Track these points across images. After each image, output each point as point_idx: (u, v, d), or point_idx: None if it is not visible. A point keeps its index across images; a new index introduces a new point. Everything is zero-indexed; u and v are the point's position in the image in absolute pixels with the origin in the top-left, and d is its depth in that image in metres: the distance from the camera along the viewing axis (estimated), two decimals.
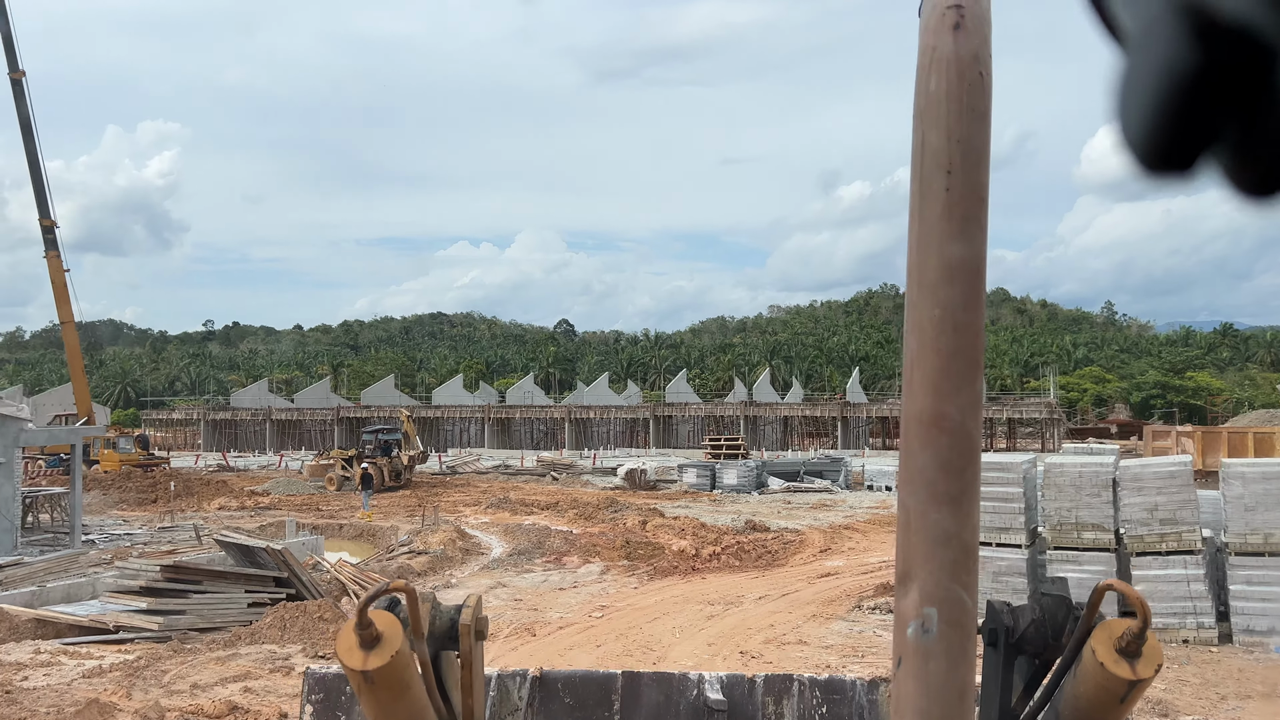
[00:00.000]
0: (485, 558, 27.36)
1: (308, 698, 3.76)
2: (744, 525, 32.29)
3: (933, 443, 1.13)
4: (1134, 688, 1.95)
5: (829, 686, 3.73)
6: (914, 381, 1.16)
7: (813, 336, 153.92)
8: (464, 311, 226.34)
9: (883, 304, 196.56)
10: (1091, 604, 2.06)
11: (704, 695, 3.68)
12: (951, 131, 1.15)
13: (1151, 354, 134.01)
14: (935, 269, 1.14)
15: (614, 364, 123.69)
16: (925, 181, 1.16)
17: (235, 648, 14.13)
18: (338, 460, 46.64)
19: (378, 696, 1.94)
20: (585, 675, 3.84)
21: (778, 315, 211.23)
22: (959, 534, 1.14)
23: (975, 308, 1.16)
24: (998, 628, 2.20)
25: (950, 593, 1.13)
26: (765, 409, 68.50)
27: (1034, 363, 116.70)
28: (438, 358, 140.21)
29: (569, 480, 48.24)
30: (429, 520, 32.74)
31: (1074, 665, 2.09)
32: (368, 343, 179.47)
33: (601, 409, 71.65)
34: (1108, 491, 16.78)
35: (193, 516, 37.52)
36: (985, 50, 1.17)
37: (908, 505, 1.16)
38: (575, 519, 34.37)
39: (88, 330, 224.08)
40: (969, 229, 1.14)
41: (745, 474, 42.49)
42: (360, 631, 1.89)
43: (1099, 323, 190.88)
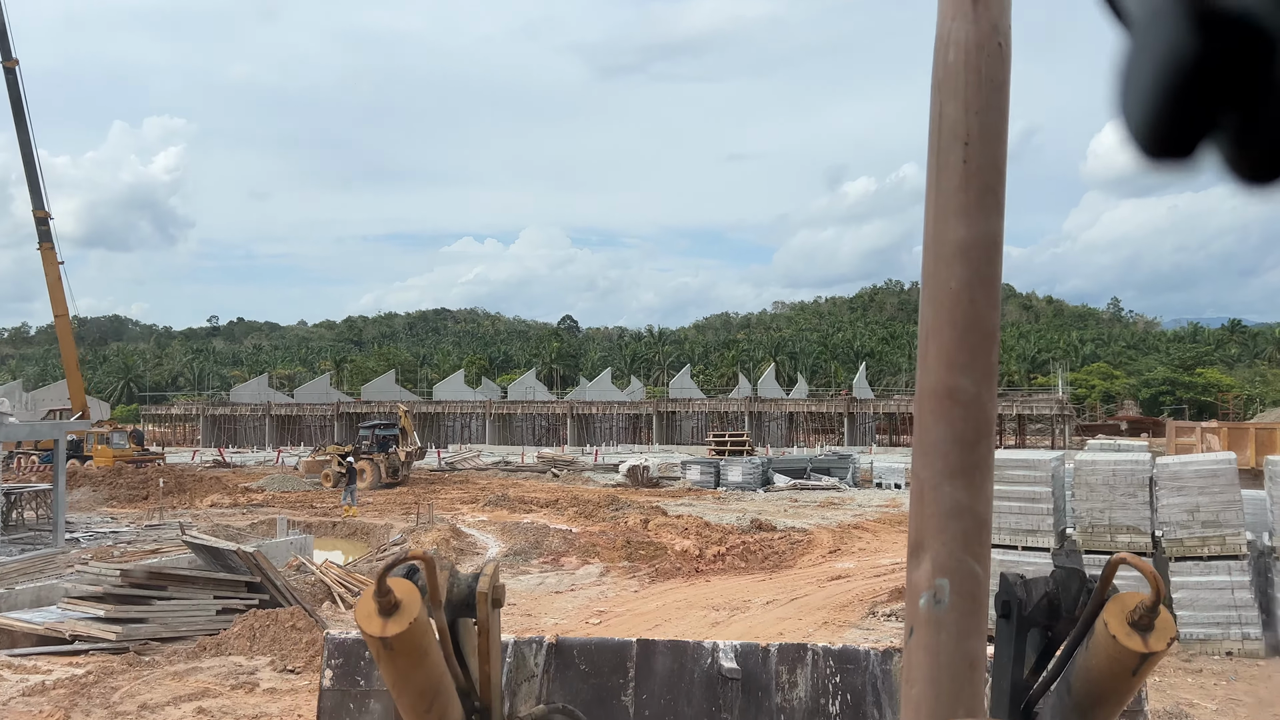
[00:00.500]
0: (481, 558, 26.16)
1: (328, 662, 3.75)
2: (749, 524, 31.05)
3: (946, 415, 1.09)
4: (1146, 660, 1.89)
5: (843, 656, 3.70)
6: (929, 354, 1.12)
7: (817, 333, 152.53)
8: (468, 307, 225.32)
9: (888, 300, 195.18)
10: (1104, 577, 1.98)
11: (718, 663, 3.66)
12: (970, 103, 1.10)
13: (1159, 350, 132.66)
14: (952, 241, 1.10)
15: (618, 360, 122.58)
16: (942, 153, 1.12)
17: (198, 660, 12.93)
18: (334, 456, 45.45)
19: (396, 663, 1.90)
20: (601, 643, 3.84)
21: (782, 311, 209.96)
22: (972, 506, 1.10)
23: (992, 280, 1.12)
24: (1010, 600, 2.14)
25: (962, 564, 1.09)
26: (770, 405, 67.19)
27: (1041, 359, 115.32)
28: (441, 353, 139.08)
29: (570, 477, 47.03)
30: (423, 518, 31.55)
31: (1086, 638, 2.02)
32: (371, 338, 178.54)
33: (604, 405, 70.37)
34: (1144, 491, 15.51)
35: (183, 514, 36.41)
36: (1005, 21, 1.12)
37: (921, 477, 1.11)
38: (575, 517, 33.17)
39: (92, 326, 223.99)
40: (986, 201, 1.11)
41: (750, 471, 41.23)
42: (379, 599, 1.85)
43: (1105, 319, 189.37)
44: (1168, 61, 0.50)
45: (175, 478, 42.21)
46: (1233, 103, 0.49)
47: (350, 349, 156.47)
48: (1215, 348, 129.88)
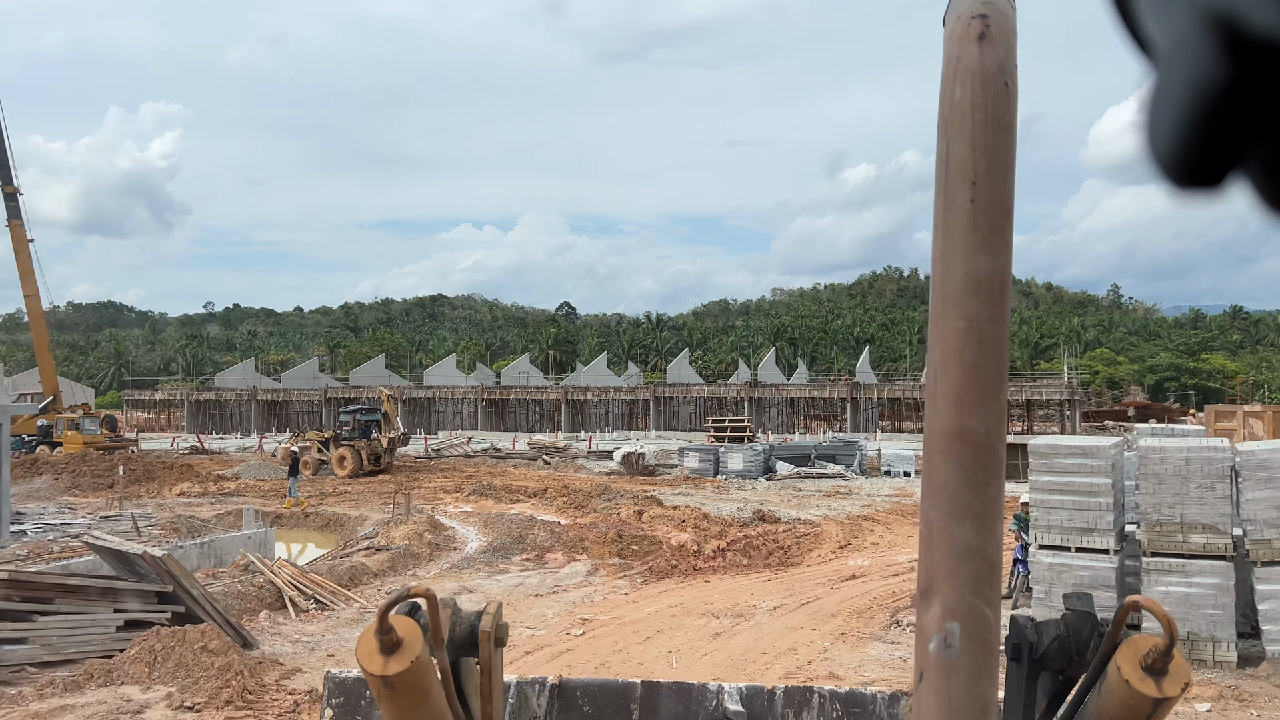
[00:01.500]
0: (458, 553, 23.65)
1: (328, 701, 3.68)
2: (751, 516, 28.56)
3: (956, 456, 1.12)
4: (1160, 706, 1.85)
5: (850, 700, 3.61)
6: (938, 395, 1.15)
7: (816, 319, 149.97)
8: (465, 294, 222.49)
9: (887, 286, 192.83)
10: (1117, 620, 1.92)
11: (723, 706, 3.65)
12: (976, 143, 1.14)
13: (1160, 337, 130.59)
14: (960, 281, 1.14)
15: (615, 346, 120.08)
16: (950, 193, 1.15)
17: (78, 692, 10.40)
18: (314, 443, 42.93)
19: (397, 702, 1.91)
20: (604, 684, 3.79)
21: (781, 298, 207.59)
22: (982, 548, 1.12)
23: (1000, 320, 1.15)
24: (1021, 643, 2.08)
25: (973, 607, 1.12)
26: (771, 390, 64.56)
27: (1044, 344, 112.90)
28: (436, 339, 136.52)
29: (562, 465, 44.49)
30: (401, 509, 29.03)
31: (1099, 682, 1.96)
32: (367, 325, 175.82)
33: (599, 390, 67.74)
34: (1224, 484, 12.97)
35: (148, 504, 33.91)
36: (1011, 61, 1.17)
37: (930, 519, 1.15)
38: (564, 508, 30.68)
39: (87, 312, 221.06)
40: (993, 241, 1.14)
41: (751, 458, 38.68)
42: (381, 637, 1.84)
43: (1105, 306, 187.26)
44: (1196, 90, 0.48)
45: (144, 465, 39.66)
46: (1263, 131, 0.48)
47: (346, 335, 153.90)
48: (1218, 334, 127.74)
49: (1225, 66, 0.47)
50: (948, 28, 1.20)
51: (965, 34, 1.16)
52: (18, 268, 48.82)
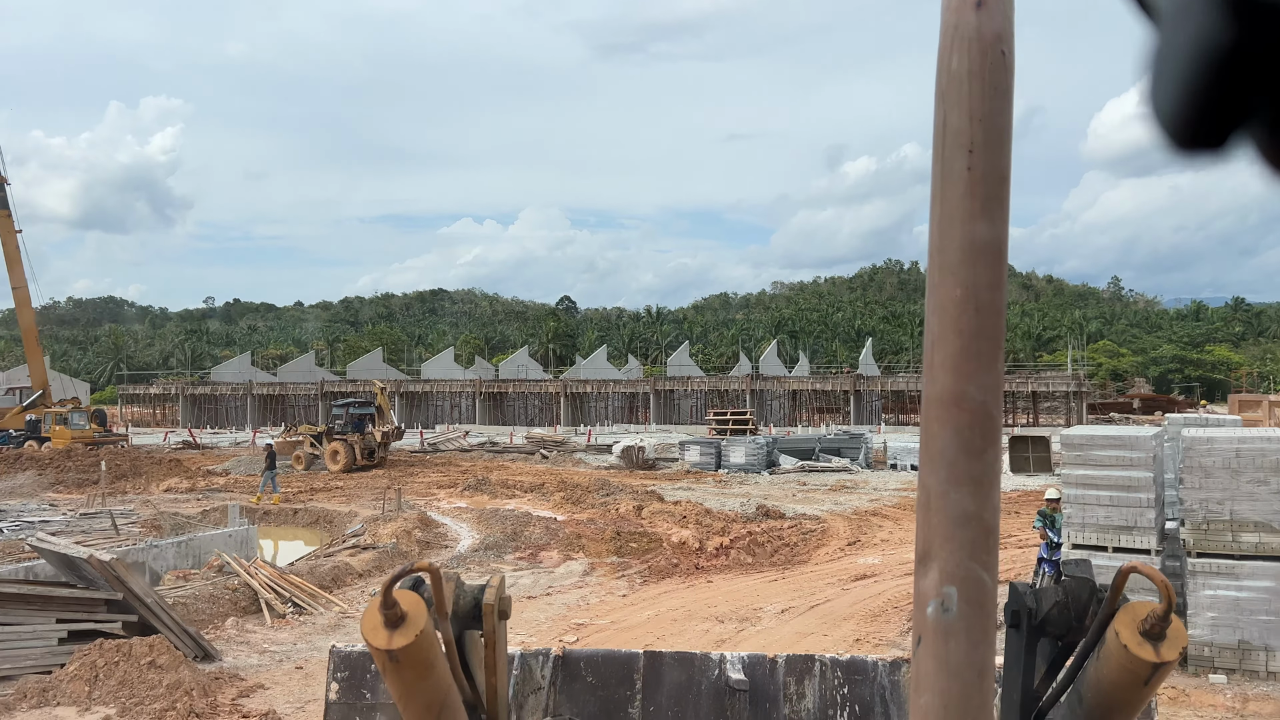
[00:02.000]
0: (449, 552, 22.47)
1: (334, 675, 3.65)
2: (755, 511, 27.35)
3: (953, 422, 1.13)
4: (1157, 670, 1.86)
5: (851, 667, 3.60)
6: (935, 362, 1.15)
7: (817, 313, 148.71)
8: (465, 288, 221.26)
9: (887, 280, 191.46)
10: (1115, 586, 1.92)
11: (726, 675, 3.59)
12: (974, 111, 1.14)
13: (1162, 329, 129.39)
14: (957, 249, 1.14)
15: (615, 340, 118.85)
16: (947, 161, 1.15)
17: (8, 716, 9.21)
18: (307, 437, 41.73)
19: (402, 675, 1.89)
20: (608, 655, 3.74)
21: (781, 292, 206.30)
22: (979, 514, 1.13)
23: (997, 288, 1.15)
24: (1020, 609, 2.08)
25: (970, 572, 1.13)
26: (773, 383, 63.30)
27: (1046, 336, 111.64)
28: (436, 333, 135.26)
29: (560, 459, 43.29)
30: (392, 505, 27.84)
31: (1097, 647, 1.98)
32: (368, 319, 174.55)
33: (599, 383, 66.51)
34: (1279, 478, 11.74)
35: (133, 500, 32.76)
36: (1008, 28, 1.16)
37: (928, 485, 1.15)
38: (561, 503, 29.48)
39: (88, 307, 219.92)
40: (991, 208, 1.14)
41: (754, 451, 37.47)
42: (385, 611, 1.83)
43: (1106, 298, 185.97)
44: (1199, 52, 0.48)
45: (131, 461, 38.46)
46: (1266, 92, 0.47)
47: (346, 330, 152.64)
48: (1220, 326, 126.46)
49: (1228, 27, 0.47)
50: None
51: (963, 2, 1.14)
52: (6, 260, 47.62)
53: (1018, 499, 30.37)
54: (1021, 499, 30.23)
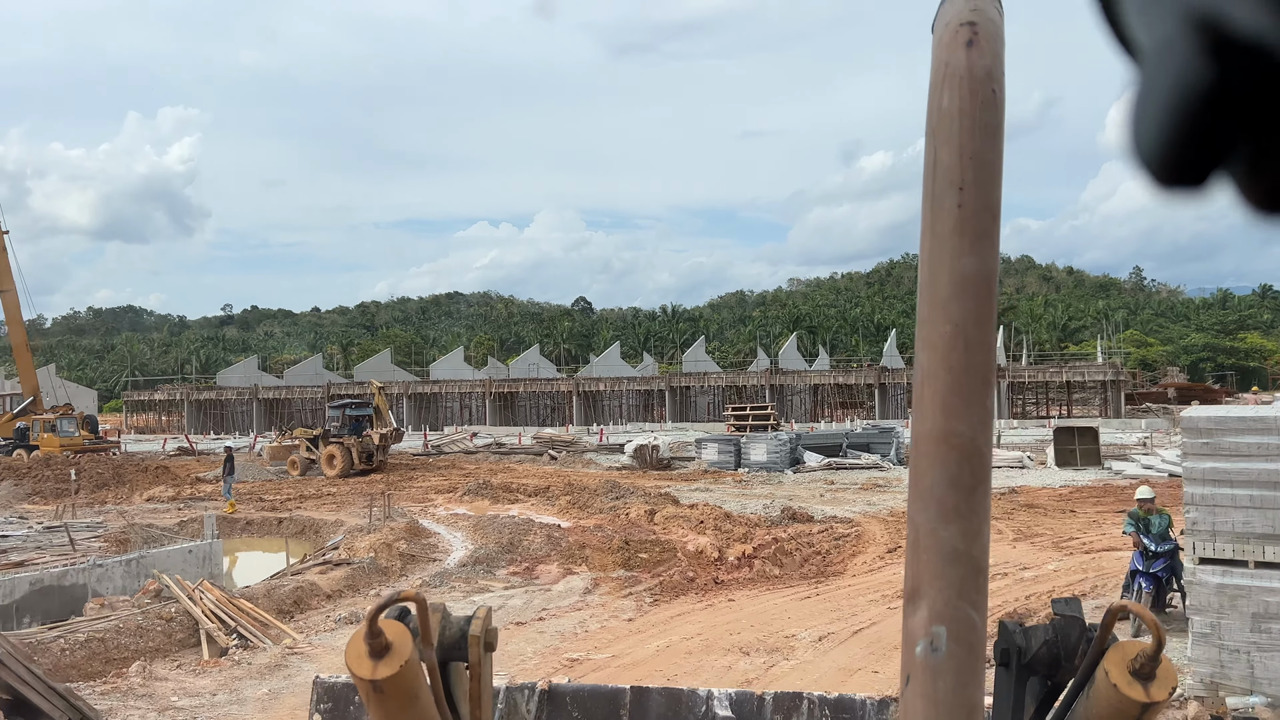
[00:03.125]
0: (435, 566, 19.71)
1: (316, 706, 3.59)
2: (780, 514, 24.48)
3: (942, 459, 1.12)
4: (1147, 710, 1.84)
5: (838, 705, 3.56)
6: (924, 398, 1.15)
7: (835, 308, 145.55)
8: (481, 291, 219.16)
9: (905, 274, 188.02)
10: (1105, 625, 1.92)
11: (713, 712, 3.59)
12: (964, 148, 1.15)
13: (1189, 318, 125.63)
14: (947, 285, 1.14)
15: (630, 339, 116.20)
16: (937, 198, 1.15)
17: None
18: (302, 440, 39.12)
19: (386, 706, 1.87)
20: (594, 689, 3.73)
21: (798, 288, 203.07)
22: (968, 552, 1.12)
23: (986, 324, 1.15)
24: (1010, 648, 2.06)
25: (959, 611, 1.12)
26: (793, 377, 60.23)
27: (1072, 326, 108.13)
28: (450, 336, 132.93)
29: (569, 460, 40.48)
30: (381, 513, 25.11)
31: (1086, 687, 1.96)
32: (384, 323, 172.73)
33: (612, 381, 63.66)
34: None
35: (110, 510, 30.20)
36: (998, 67, 1.18)
37: (917, 522, 1.14)
38: (567, 508, 26.70)
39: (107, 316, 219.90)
40: (981, 245, 1.14)
41: (776, 449, 34.54)
42: (370, 640, 1.80)
43: (1128, 289, 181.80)
44: (1180, 91, 0.48)
45: (113, 469, 35.90)
46: (1247, 132, 0.47)
47: (362, 334, 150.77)
48: (1250, 314, 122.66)
49: (1209, 67, 0.47)
50: (936, 34, 1.20)
51: (953, 40, 1.17)
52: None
53: (1069, 495, 27.35)
54: (1075, 496, 27.19)
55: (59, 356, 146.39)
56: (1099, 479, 30.14)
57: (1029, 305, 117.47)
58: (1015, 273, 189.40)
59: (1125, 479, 29.67)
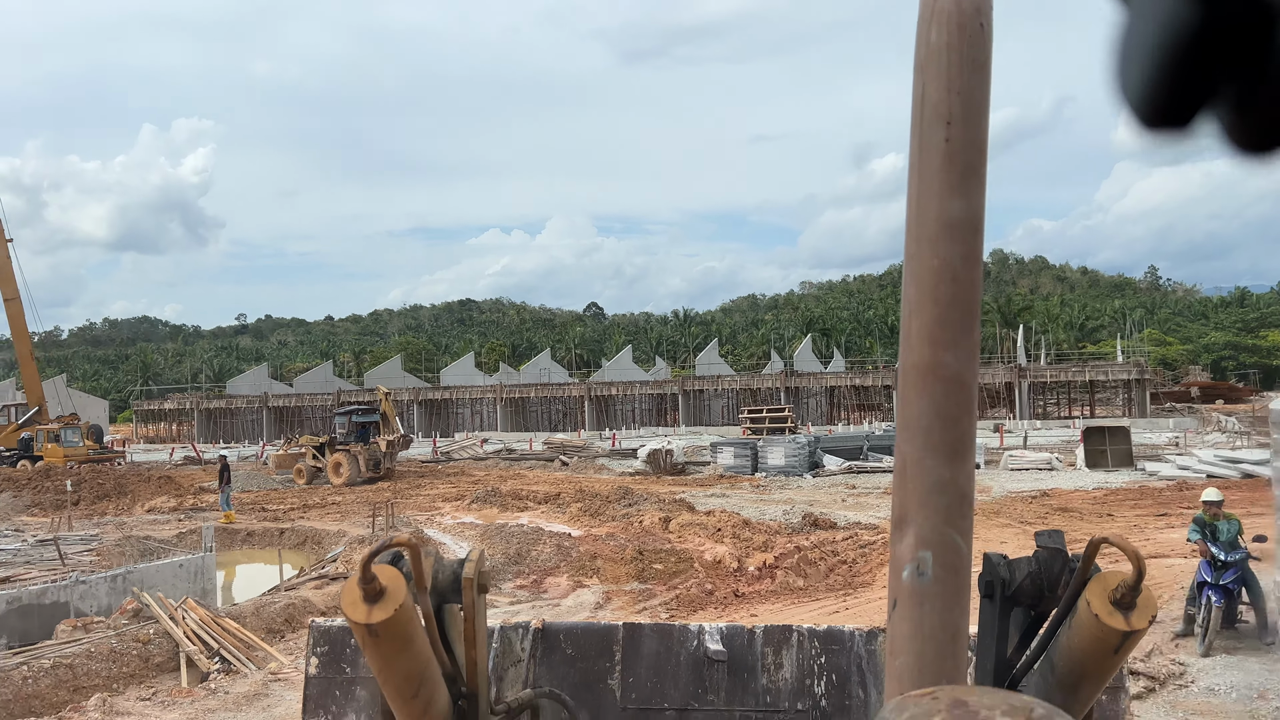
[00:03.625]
0: None
1: (313, 650, 3.59)
2: (801, 520, 23.27)
3: (929, 391, 1.14)
4: (1128, 638, 1.91)
5: (828, 636, 3.63)
6: (911, 331, 1.16)
7: (847, 310, 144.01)
8: (493, 298, 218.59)
9: None
10: (1087, 556, 1.96)
11: (704, 645, 3.62)
12: (951, 83, 1.15)
13: (1207, 317, 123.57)
14: (934, 221, 1.15)
15: (643, 343, 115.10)
16: (925, 134, 1.16)
17: None
18: (308, 449, 38.06)
19: (381, 649, 1.89)
20: (587, 627, 3.74)
21: (810, 291, 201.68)
22: (954, 480, 1.14)
23: (973, 259, 1.16)
24: (994, 580, 2.10)
25: (945, 537, 1.14)
26: (809, 379, 58.93)
27: (1089, 326, 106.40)
28: (462, 342, 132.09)
29: (581, 465, 39.31)
30: (388, 521, 24.01)
31: (1069, 617, 2.01)
32: (397, 331, 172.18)
33: (625, 385, 62.46)
34: None
35: (110, 522, 29.22)
36: (986, 3, 1.16)
37: (904, 452, 1.16)
38: (578, 515, 25.53)
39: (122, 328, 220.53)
40: (968, 181, 1.15)
41: (795, 452, 33.29)
42: (364, 585, 1.83)
43: (1143, 288, 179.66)
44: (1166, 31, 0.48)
45: (115, 479, 34.93)
46: (1232, 72, 0.48)
47: (375, 342, 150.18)
48: (1272, 311, 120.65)
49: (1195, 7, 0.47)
50: None
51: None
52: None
53: (1104, 498, 26.02)
54: (1110, 499, 25.85)
55: (73, 367, 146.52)
56: (1133, 481, 28.78)
57: (1045, 305, 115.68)
58: (1029, 273, 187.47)
59: (1161, 480, 28.31)
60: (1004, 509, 24.42)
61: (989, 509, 24.46)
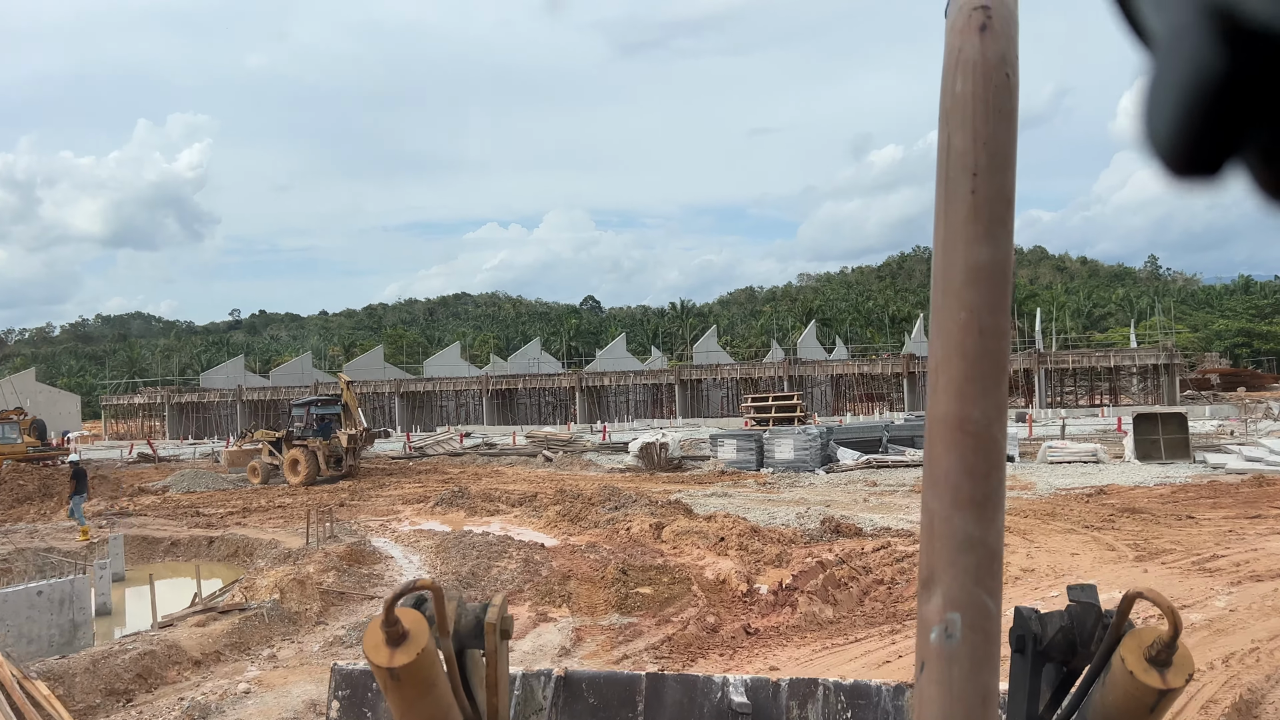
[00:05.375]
0: (368, 608, 14.46)
1: (335, 693, 3.48)
2: (820, 526, 19.19)
3: (957, 446, 1.07)
4: (1164, 697, 1.82)
5: (854, 691, 3.47)
6: (939, 385, 1.10)
7: (847, 301, 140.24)
8: (489, 292, 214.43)
9: (916, 267, 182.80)
10: (1121, 611, 1.90)
11: (728, 698, 3.48)
12: (978, 134, 1.12)
13: (1211, 305, 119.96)
14: (961, 272, 1.11)
15: (640, 336, 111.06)
16: (951, 184, 1.13)
17: None
18: (264, 444, 33.90)
19: (403, 693, 1.84)
20: (609, 676, 3.58)
21: (808, 284, 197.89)
22: (983, 538, 1.06)
23: (1001, 310, 1.11)
24: (1025, 634, 2.02)
25: (974, 597, 1.06)
26: (813, 367, 54.71)
27: (1096, 314, 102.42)
28: (455, 335, 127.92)
29: (566, 461, 35.14)
30: (322, 532, 19.89)
31: (1103, 673, 1.93)
32: (392, 325, 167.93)
33: (618, 375, 58.23)
34: None
35: (21, 529, 25.12)
36: (1012, 52, 1.15)
37: (931, 509, 1.10)
38: (556, 520, 21.46)
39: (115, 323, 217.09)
40: (995, 231, 1.11)
41: (805, 445, 29.15)
42: (387, 629, 1.78)
43: (1143, 278, 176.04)
44: (1194, 79, 0.47)
45: (40, 480, 30.74)
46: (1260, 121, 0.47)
47: (368, 336, 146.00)
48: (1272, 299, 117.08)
49: (1223, 56, 0.46)
50: (949, 19, 1.16)
51: (967, 25, 1.14)
52: None
53: (1171, 495, 21.93)
54: (1180, 496, 21.74)
55: (59, 363, 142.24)
56: (1197, 474, 24.69)
57: (1050, 294, 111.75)
58: (1029, 264, 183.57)
59: (1230, 475, 24.21)
60: (1058, 510, 20.32)
61: (1041, 510, 20.37)
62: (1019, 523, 19.06)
